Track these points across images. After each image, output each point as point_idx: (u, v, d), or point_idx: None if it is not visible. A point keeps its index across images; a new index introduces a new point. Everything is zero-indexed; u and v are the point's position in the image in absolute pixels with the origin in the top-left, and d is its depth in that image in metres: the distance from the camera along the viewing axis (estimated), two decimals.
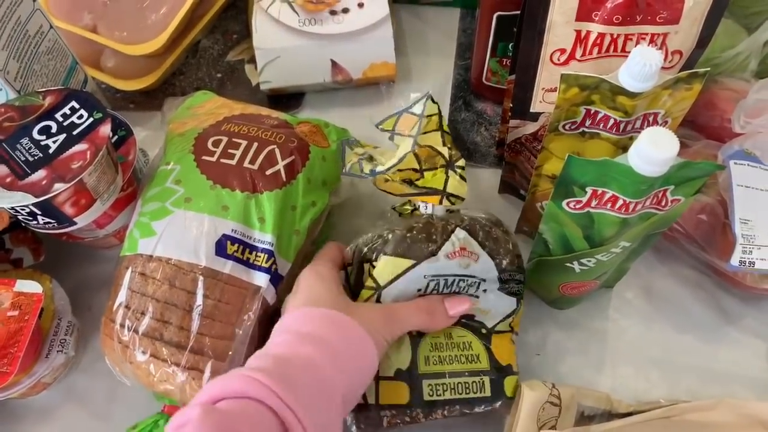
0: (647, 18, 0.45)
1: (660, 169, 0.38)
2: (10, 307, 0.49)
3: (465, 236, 0.48)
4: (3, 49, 0.53)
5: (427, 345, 0.49)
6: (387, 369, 0.47)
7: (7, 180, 0.46)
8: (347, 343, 0.42)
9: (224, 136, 0.51)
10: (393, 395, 0.47)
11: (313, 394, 0.38)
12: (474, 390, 0.48)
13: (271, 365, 0.39)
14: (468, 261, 0.48)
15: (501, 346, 0.50)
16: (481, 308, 0.50)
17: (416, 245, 0.47)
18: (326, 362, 0.40)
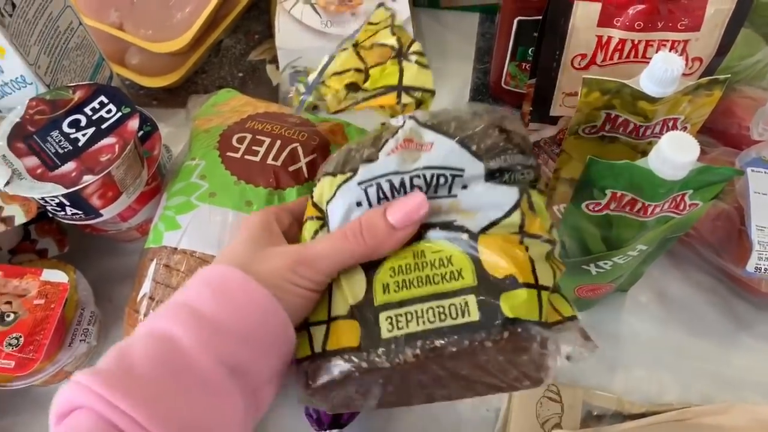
0: (668, 25, 0.46)
1: (680, 172, 0.39)
2: (36, 295, 0.50)
3: (413, 126, 0.37)
4: (35, 44, 0.54)
5: (386, 271, 0.36)
6: (340, 306, 0.36)
7: (38, 171, 0.47)
8: (228, 302, 0.34)
9: (248, 133, 0.52)
10: (343, 337, 0.35)
11: (160, 379, 0.31)
12: (452, 314, 0.33)
13: (106, 359, 0.32)
14: (416, 153, 0.36)
15: (493, 250, 0.34)
16: (462, 209, 0.36)
17: (358, 154, 0.37)
18: (187, 333, 0.32)
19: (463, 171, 0.35)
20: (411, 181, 0.36)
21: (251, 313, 0.33)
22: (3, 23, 0.50)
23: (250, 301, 0.34)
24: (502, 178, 0.36)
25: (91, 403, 0.29)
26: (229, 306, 0.33)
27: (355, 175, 0.36)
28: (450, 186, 0.36)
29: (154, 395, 0.30)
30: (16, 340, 0.48)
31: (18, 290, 0.51)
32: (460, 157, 0.35)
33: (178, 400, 0.31)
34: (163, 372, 0.31)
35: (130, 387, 0.30)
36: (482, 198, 0.36)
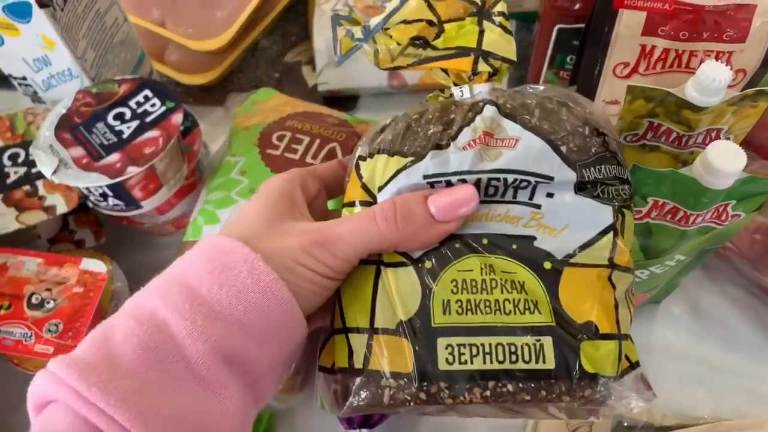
0: (714, 35, 0.46)
1: (725, 182, 0.38)
2: (75, 283, 0.51)
3: (494, 114, 0.31)
4: (83, 38, 0.55)
5: (447, 283, 0.31)
6: (386, 319, 0.31)
7: (84, 161, 0.48)
8: (225, 281, 0.29)
9: (288, 131, 0.53)
10: (392, 358, 0.30)
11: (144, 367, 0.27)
12: (524, 357, 0.29)
13: (85, 345, 0.28)
14: (496, 150, 0.31)
15: (576, 287, 0.30)
16: (546, 224, 0.31)
17: (417, 138, 0.32)
18: (174, 314, 0.28)
19: (552, 179, 0.31)
20: (488, 183, 0.31)
21: (254, 298, 0.29)
22: (55, 16, 0.51)
23: (254, 283, 0.29)
24: (594, 191, 0.31)
25: (65, 398, 0.26)
26: (229, 287, 0.29)
27: (418, 162, 0.31)
28: (532, 192, 0.31)
29: (137, 390, 0.26)
30: (56, 326, 0.49)
31: (58, 278, 0.51)
32: (549, 161, 0.31)
33: (165, 394, 0.27)
34: (148, 361, 0.27)
35: (109, 381, 0.26)
36: (570, 212, 0.31)
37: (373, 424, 0.49)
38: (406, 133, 0.32)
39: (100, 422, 0.25)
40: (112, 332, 0.28)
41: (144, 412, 0.26)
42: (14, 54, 0.55)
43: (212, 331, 0.28)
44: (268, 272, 0.29)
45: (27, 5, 0.50)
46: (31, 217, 0.53)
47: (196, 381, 0.28)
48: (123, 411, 0.25)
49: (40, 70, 0.56)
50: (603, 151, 0.32)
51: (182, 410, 0.27)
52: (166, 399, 0.27)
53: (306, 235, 0.31)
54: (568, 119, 0.32)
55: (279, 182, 0.34)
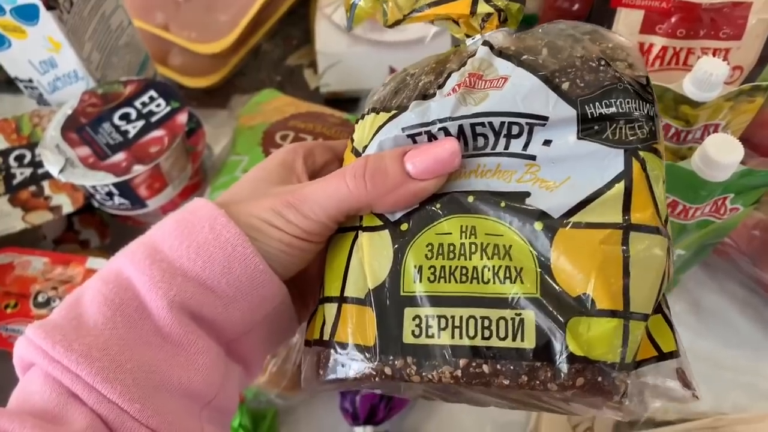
0: (710, 33, 0.47)
1: (723, 174, 0.39)
2: (81, 282, 0.52)
3: (485, 54, 0.27)
4: (88, 40, 0.56)
5: (422, 247, 0.27)
6: (356, 287, 0.28)
7: (90, 160, 0.49)
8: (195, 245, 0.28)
9: (291, 131, 0.53)
10: (355, 329, 0.28)
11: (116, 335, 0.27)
12: (500, 333, 0.25)
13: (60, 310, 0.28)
14: (480, 93, 0.26)
15: (574, 252, 0.25)
16: (541, 177, 0.26)
17: (409, 86, 0.29)
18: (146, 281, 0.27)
19: (546, 119, 0.25)
20: (473, 130, 0.26)
21: (215, 253, 0.28)
22: (62, 18, 0.52)
23: (215, 238, 0.28)
24: (603, 132, 0.25)
25: (35, 358, 0.26)
26: (189, 243, 0.28)
27: (400, 114, 0.28)
28: (527, 140, 0.26)
29: (100, 346, 0.26)
30: None
31: (63, 277, 0.52)
32: (543, 98, 0.25)
33: (130, 349, 0.26)
34: (114, 318, 0.27)
35: (73, 340, 0.26)
36: (572, 162, 0.25)
37: (378, 421, 0.50)
38: (399, 87, 0.30)
39: (64, 379, 0.25)
40: (82, 295, 0.28)
41: (106, 368, 0.25)
42: (21, 56, 0.56)
43: (171, 287, 0.27)
44: (229, 227, 0.28)
45: (34, 8, 0.51)
46: (37, 217, 0.54)
47: (161, 336, 0.27)
48: (84, 366, 0.25)
49: (46, 72, 0.57)
50: (614, 81, 0.25)
51: (148, 364, 0.26)
52: (131, 354, 0.26)
53: (279, 195, 0.29)
54: (579, 54, 0.26)
55: (282, 152, 0.33)
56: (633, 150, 0.25)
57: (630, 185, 0.25)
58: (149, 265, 0.27)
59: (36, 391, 0.26)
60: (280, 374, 0.49)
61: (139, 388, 0.26)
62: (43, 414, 0.25)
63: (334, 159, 0.35)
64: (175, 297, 0.27)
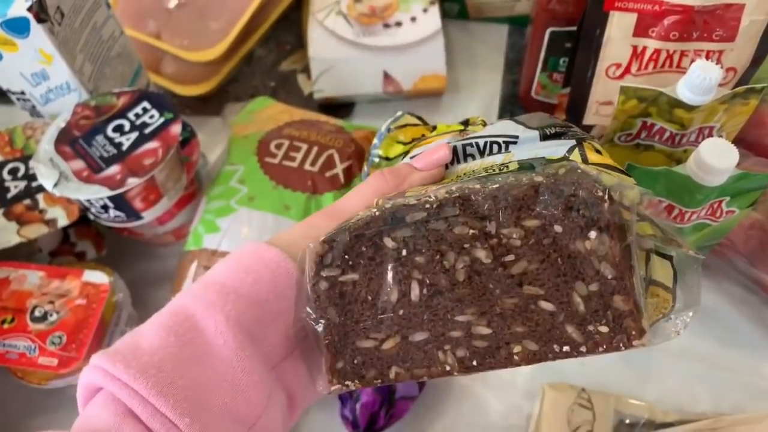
0: (703, 35, 0.46)
1: (718, 178, 0.39)
2: (78, 295, 0.51)
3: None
4: (80, 52, 0.56)
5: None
6: None
7: (84, 174, 0.49)
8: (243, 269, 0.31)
9: (286, 139, 0.53)
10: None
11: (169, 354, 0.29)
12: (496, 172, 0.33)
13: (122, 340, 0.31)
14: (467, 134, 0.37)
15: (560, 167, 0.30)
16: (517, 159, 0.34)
17: None
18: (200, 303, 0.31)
19: (517, 138, 0.34)
20: (464, 150, 0.36)
21: (262, 272, 0.31)
22: (53, 31, 0.51)
23: (259, 259, 0.32)
24: (557, 138, 0.34)
25: (98, 379, 0.29)
26: (238, 267, 0.32)
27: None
28: (505, 145, 0.35)
29: (155, 364, 0.29)
30: (59, 338, 0.49)
31: (60, 290, 0.52)
32: (514, 128, 0.35)
33: (183, 367, 0.29)
34: (168, 339, 0.30)
35: (131, 360, 0.29)
36: (537, 150, 0.34)
37: (378, 429, 0.50)
38: None
39: (122, 395, 0.28)
40: (140, 328, 0.31)
41: (160, 383, 0.28)
42: (12, 69, 0.56)
43: (226, 303, 0.30)
44: (271, 249, 0.32)
45: (25, 21, 0.50)
46: (32, 230, 0.54)
47: (212, 355, 0.30)
48: (141, 382, 0.28)
49: (38, 84, 0.57)
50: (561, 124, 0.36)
51: (198, 382, 0.29)
52: (183, 371, 0.29)
53: (311, 216, 0.35)
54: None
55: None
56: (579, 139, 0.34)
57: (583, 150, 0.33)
58: (203, 290, 0.31)
59: (95, 415, 0.28)
60: None
61: (189, 403, 0.28)
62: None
63: None
64: (230, 312, 0.30)
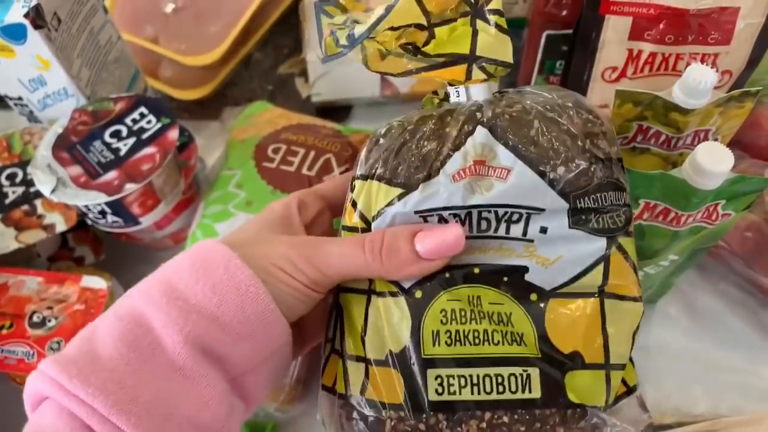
0: (699, 38, 0.47)
1: (714, 182, 0.39)
2: (76, 301, 0.52)
3: (485, 141, 0.30)
4: (77, 57, 0.56)
5: (437, 313, 0.31)
6: (376, 348, 0.31)
7: (82, 180, 0.49)
8: (202, 277, 0.30)
9: (283, 144, 0.53)
10: (384, 388, 0.31)
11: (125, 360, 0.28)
12: (511, 387, 0.30)
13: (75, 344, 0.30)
14: (487, 182, 0.30)
15: (564, 318, 0.30)
16: (538, 255, 0.31)
17: (410, 161, 0.31)
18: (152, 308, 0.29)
19: (543, 210, 0.30)
20: (479, 215, 0.31)
21: (229, 293, 0.30)
22: (50, 37, 0.51)
23: (229, 279, 0.30)
24: (588, 222, 0.30)
25: (50, 391, 0.27)
26: (205, 282, 0.30)
27: (410, 193, 0.31)
28: (525, 225, 0.31)
29: (116, 380, 0.27)
30: (58, 344, 0.50)
31: (59, 296, 0.52)
32: (542, 193, 0.30)
33: (143, 384, 0.28)
34: (128, 353, 0.28)
35: (89, 374, 0.27)
36: (564, 244, 0.31)
37: None
38: (401, 151, 0.31)
39: (80, 412, 0.27)
40: (95, 330, 0.30)
41: (121, 401, 0.27)
42: (10, 75, 0.56)
43: (186, 323, 0.29)
44: (243, 269, 0.30)
45: (22, 27, 0.50)
46: (31, 236, 0.54)
47: (173, 370, 0.29)
48: (101, 400, 0.27)
49: (35, 90, 0.57)
50: (600, 177, 0.30)
51: (161, 398, 0.28)
52: (144, 388, 0.28)
53: (292, 244, 0.32)
54: (568, 134, 0.31)
55: (280, 205, 0.36)
56: (614, 237, 0.31)
57: (608, 266, 0.31)
58: (165, 303, 0.29)
59: (48, 425, 0.27)
60: (278, 388, 0.49)
61: (152, 420, 0.27)
62: None
63: (325, 208, 0.38)
64: (190, 333, 0.29)
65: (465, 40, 0.31)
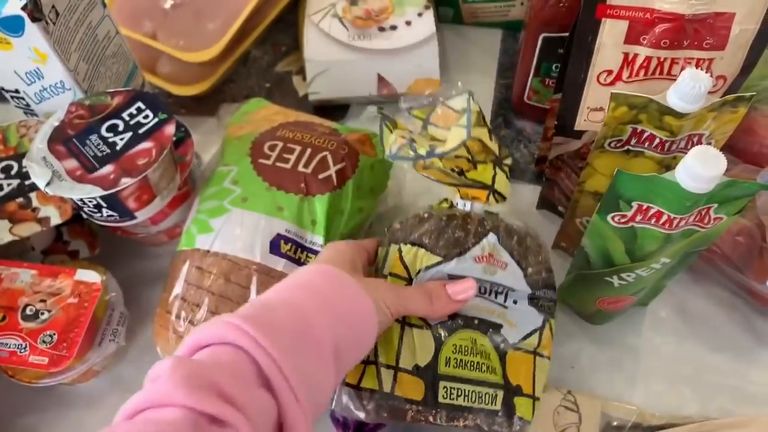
0: (694, 43, 0.47)
1: (706, 186, 0.39)
2: (70, 294, 0.52)
3: (495, 243, 0.49)
4: (75, 51, 0.56)
5: (450, 347, 0.48)
6: (407, 362, 0.47)
7: (77, 173, 0.49)
8: (341, 294, 0.42)
9: (280, 141, 0.54)
10: (409, 389, 0.46)
11: (294, 337, 0.37)
12: (486, 401, 0.47)
13: (251, 310, 0.38)
14: (495, 268, 0.49)
15: (516, 364, 0.49)
16: (509, 319, 0.50)
17: (447, 241, 0.49)
18: (313, 308, 0.40)
19: (516, 290, 0.50)
20: (482, 287, 0.50)
21: (358, 312, 0.42)
22: (47, 30, 0.51)
23: (359, 301, 0.42)
24: (538, 303, 0.50)
25: (239, 340, 0.35)
26: (345, 298, 0.42)
27: (445, 262, 0.48)
28: (505, 296, 0.50)
29: (290, 347, 0.36)
30: (50, 337, 0.50)
31: (52, 289, 0.52)
32: (521, 282, 0.50)
33: (304, 358, 0.37)
34: (297, 333, 0.38)
35: (274, 336, 0.36)
36: (521, 314, 0.50)
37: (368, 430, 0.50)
38: (440, 233, 0.49)
39: (261, 358, 0.35)
40: (272, 308, 0.39)
41: (292, 364, 0.35)
42: (6, 67, 0.56)
43: (334, 327, 0.40)
44: (367, 302, 0.42)
45: (19, 19, 0.50)
46: (25, 228, 0.54)
47: (320, 359, 0.38)
48: (277, 351, 0.35)
49: (32, 83, 0.57)
50: (549, 280, 0.52)
51: (312, 375, 0.37)
52: (304, 362, 0.37)
53: (388, 288, 0.46)
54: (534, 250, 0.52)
55: (350, 248, 0.48)
56: (546, 318, 0.51)
57: (541, 335, 0.51)
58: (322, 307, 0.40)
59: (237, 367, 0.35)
60: None
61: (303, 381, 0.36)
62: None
63: (368, 258, 0.49)
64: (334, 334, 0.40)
65: (489, 176, 0.50)
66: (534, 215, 0.66)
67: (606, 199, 0.44)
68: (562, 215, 0.64)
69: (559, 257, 0.62)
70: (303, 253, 0.50)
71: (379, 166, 0.57)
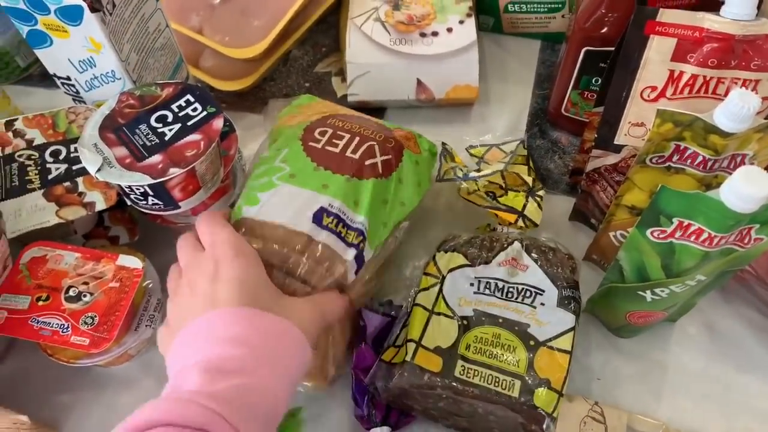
0: (741, 64, 0.47)
1: (752, 206, 0.40)
2: (112, 278, 0.53)
3: (519, 249, 0.55)
4: (127, 42, 0.57)
5: (472, 335, 0.51)
6: (429, 341, 0.50)
7: (127, 161, 0.50)
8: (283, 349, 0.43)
9: (330, 128, 0.55)
10: (428, 361, 0.49)
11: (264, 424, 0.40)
12: (503, 386, 0.48)
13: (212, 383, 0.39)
14: (515, 270, 0.54)
15: (547, 360, 0.50)
16: (539, 319, 0.51)
17: (476, 249, 0.56)
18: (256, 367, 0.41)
19: (544, 291, 0.53)
20: (508, 288, 0.53)
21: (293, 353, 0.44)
22: (104, 20, 0.53)
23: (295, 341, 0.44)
24: (569, 305, 0.52)
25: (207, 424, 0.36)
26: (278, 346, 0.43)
27: (471, 266, 0.55)
28: (533, 298, 0.53)
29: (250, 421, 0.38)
30: (92, 319, 0.51)
31: (95, 272, 0.53)
32: (547, 282, 0.53)
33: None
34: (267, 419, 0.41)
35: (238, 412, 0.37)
36: (552, 315, 0.52)
37: (392, 424, 0.51)
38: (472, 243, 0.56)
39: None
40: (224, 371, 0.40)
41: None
42: (61, 55, 0.57)
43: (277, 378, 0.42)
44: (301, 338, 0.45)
45: (79, 9, 0.52)
46: (71, 212, 0.55)
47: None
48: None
49: (84, 71, 0.58)
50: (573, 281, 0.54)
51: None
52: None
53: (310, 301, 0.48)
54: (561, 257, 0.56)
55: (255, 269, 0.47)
56: (577, 317, 0.52)
57: (574, 335, 0.51)
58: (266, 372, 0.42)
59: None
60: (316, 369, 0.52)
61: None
62: None
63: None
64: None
65: (520, 203, 0.58)
66: (566, 225, 0.67)
67: (646, 213, 0.45)
68: (594, 227, 0.64)
69: (590, 269, 0.63)
70: (344, 228, 0.50)
71: (424, 163, 0.58)
